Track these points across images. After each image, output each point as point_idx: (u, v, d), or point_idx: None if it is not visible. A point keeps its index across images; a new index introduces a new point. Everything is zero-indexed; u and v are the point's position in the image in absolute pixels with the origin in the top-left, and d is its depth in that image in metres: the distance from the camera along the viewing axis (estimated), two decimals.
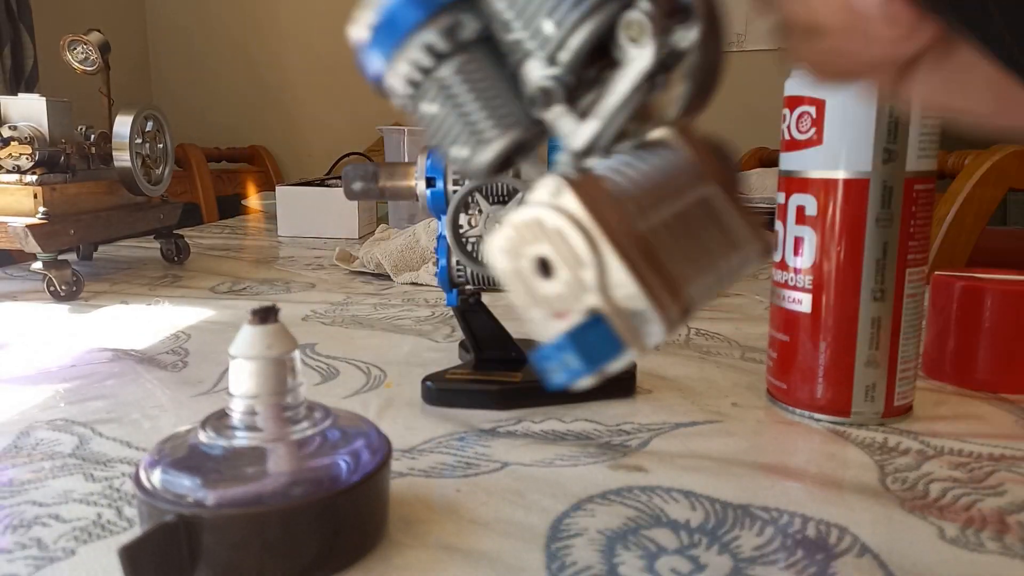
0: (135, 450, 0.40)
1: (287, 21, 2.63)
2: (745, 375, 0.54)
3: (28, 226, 0.75)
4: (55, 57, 0.95)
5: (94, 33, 0.89)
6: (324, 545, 0.28)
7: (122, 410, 0.46)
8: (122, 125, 0.85)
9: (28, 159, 0.79)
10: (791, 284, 0.44)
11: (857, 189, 0.41)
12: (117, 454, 0.40)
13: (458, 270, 0.48)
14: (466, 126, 0.24)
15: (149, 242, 1.06)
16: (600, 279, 0.20)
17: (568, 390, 0.21)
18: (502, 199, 0.46)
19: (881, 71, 0.21)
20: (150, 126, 0.90)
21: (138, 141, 0.87)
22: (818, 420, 0.45)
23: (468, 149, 0.24)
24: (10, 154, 0.78)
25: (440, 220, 0.47)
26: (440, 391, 0.47)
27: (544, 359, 0.21)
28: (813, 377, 0.44)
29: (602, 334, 0.20)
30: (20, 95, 0.83)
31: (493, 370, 0.48)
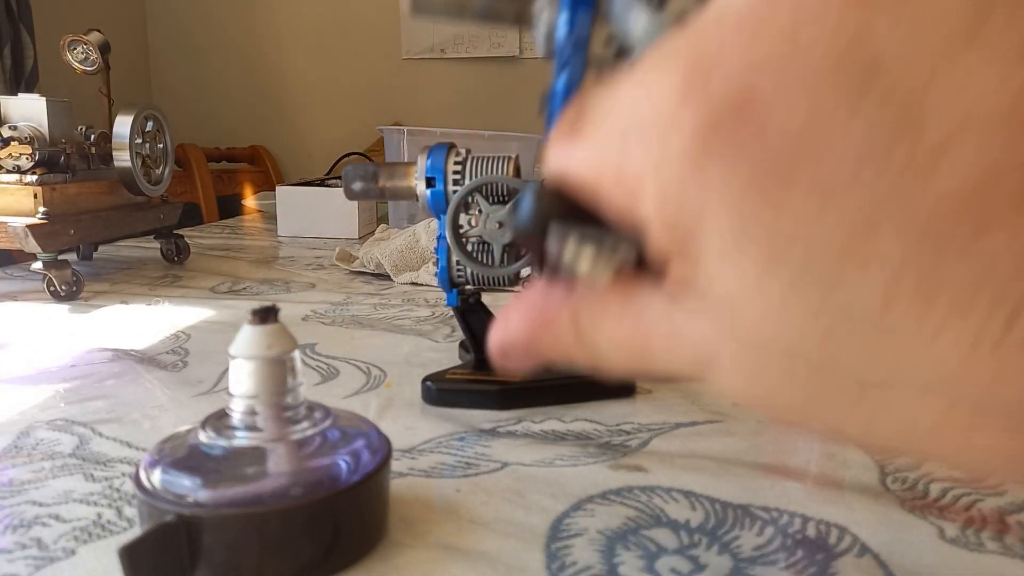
0: (135, 450, 0.40)
1: (287, 21, 2.63)
2: None
3: (28, 226, 0.75)
4: (55, 57, 0.95)
5: (94, 33, 0.89)
6: (324, 545, 0.28)
7: (122, 410, 0.46)
8: (122, 125, 0.85)
9: (28, 159, 0.78)
10: None
11: None
12: (117, 454, 0.40)
13: (458, 270, 0.48)
14: None
15: (149, 242, 1.06)
16: None
17: (568, 386, 0.20)
18: (502, 199, 0.46)
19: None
20: (150, 126, 0.90)
21: (138, 141, 0.87)
22: None
23: None
24: (10, 154, 0.78)
25: (440, 220, 0.47)
26: (440, 391, 0.47)
27: None
28: None
29: None
30: (20, 95, 0.82)
31: (493, 370, 0.48)
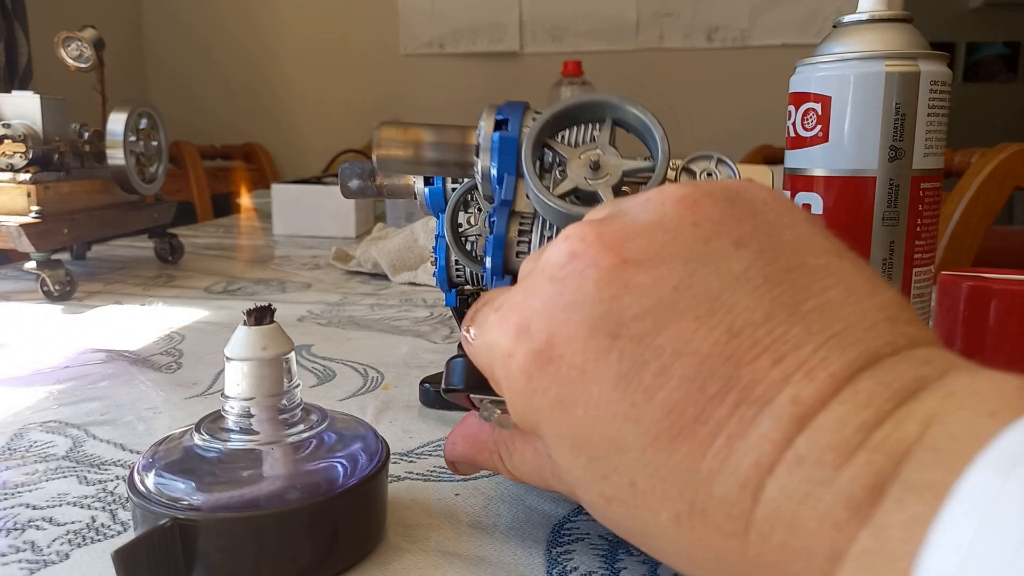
0: (129, 453, 0.40)
1: (283, 18, 2.62)
2: None
3: (21, 225, 0.74)
4: (49, 54, 0.94)
5: (88, 30, 0.88)
6: (321, 550, 0.28)
7: (116, 412, 0.46)
8: (116, 123, 0.84)
9: (22, 157, 0.78)
10: None
11: (863, 187, 0.41)
12: (111, 456, 0.39)
13: (457, 270, 0.47)
14: None
15: (143, 241, 1.05)
16: None
17: None
18: None
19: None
20: (144, 123, 0.89)
21: (132, 139, 0.86)
22: None
23: None
24: (3, 152, 0.77)
25: (438, 219, 0.47)
26: (439, 393, 0.47)
27: None
28: None
29: None
30: (14, 92, 0.82)
31: None
